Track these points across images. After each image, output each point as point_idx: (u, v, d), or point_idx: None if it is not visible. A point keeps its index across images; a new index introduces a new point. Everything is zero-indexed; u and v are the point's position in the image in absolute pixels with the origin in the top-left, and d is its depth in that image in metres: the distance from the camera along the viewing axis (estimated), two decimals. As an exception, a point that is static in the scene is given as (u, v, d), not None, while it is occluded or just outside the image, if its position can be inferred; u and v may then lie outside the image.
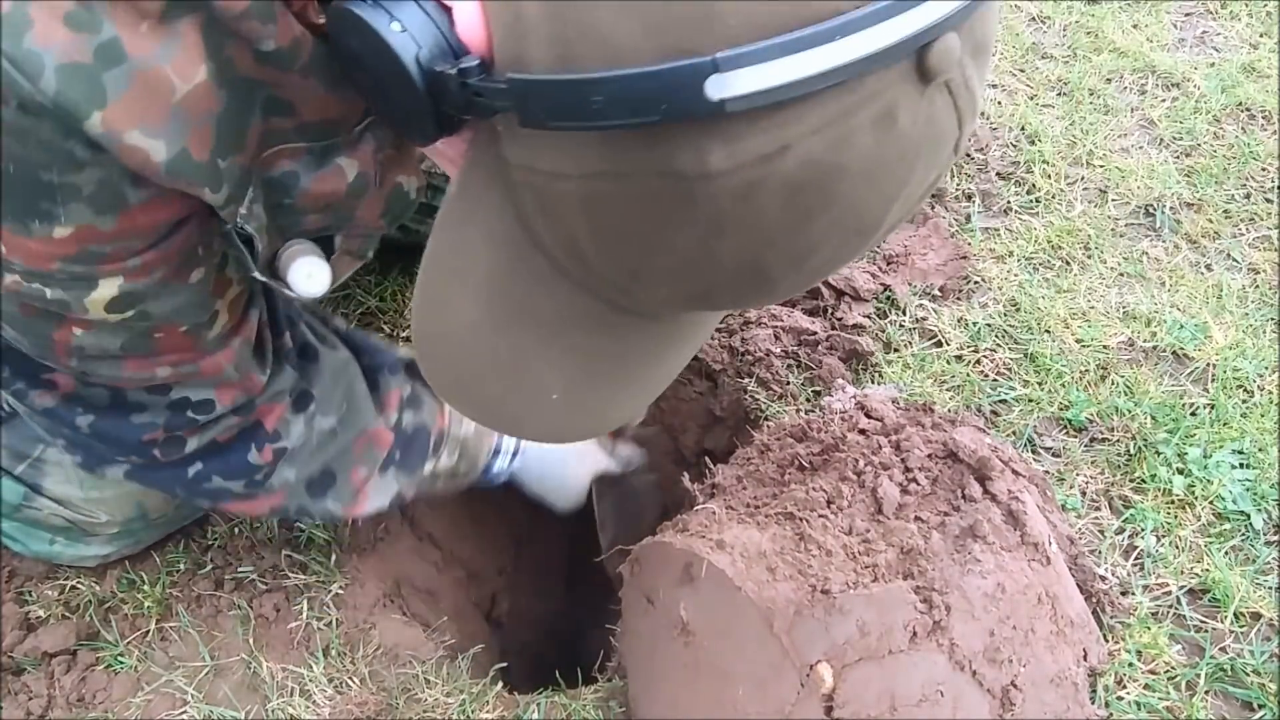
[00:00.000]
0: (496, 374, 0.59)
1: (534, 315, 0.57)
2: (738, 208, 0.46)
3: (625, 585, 1.00)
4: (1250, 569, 1.06)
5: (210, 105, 0.60)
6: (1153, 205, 1.53)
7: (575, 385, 0.60)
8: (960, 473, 0.93)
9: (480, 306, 0.57)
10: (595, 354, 0.60)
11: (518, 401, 0.61)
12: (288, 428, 0.89)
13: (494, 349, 0.58)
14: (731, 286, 0.52)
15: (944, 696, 0.81)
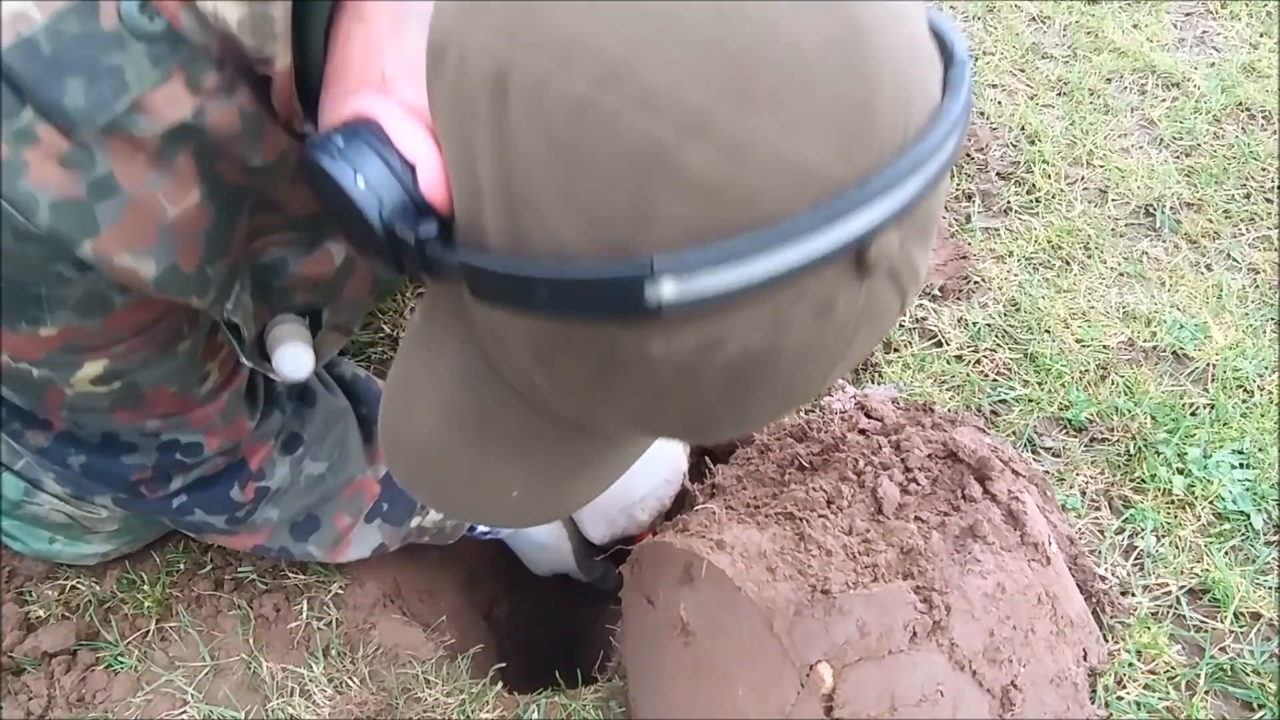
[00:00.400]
0: (458, 476, 0.61)
1: (496, 430, 0.59)
2: (679, 383, 0.48)
3: (625, 585, 1.00)
4: (1250, 569, 1.06)
5: (200, 222, 0.62)
6: (1153, 205, 1.53)
7: (534, 484, 0.62)
8: (960, 473, 0.93)
9: (444, 420, 0.59)
10: (555, 460, 0.61)
11: (478, 499, 0.63)
12: (273, 468, 0.91)
13: (456, 456, 0.60)
14: (677, 434, 0.55)
15: (944, 696, 0.81)
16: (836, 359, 0.50)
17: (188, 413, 0.80)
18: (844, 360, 0.51)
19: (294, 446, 0.92)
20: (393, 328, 1.33)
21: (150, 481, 0.85)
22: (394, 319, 1.34)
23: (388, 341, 1.32)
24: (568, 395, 0.52)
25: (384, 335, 1.32)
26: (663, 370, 0.47)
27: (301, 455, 0.92)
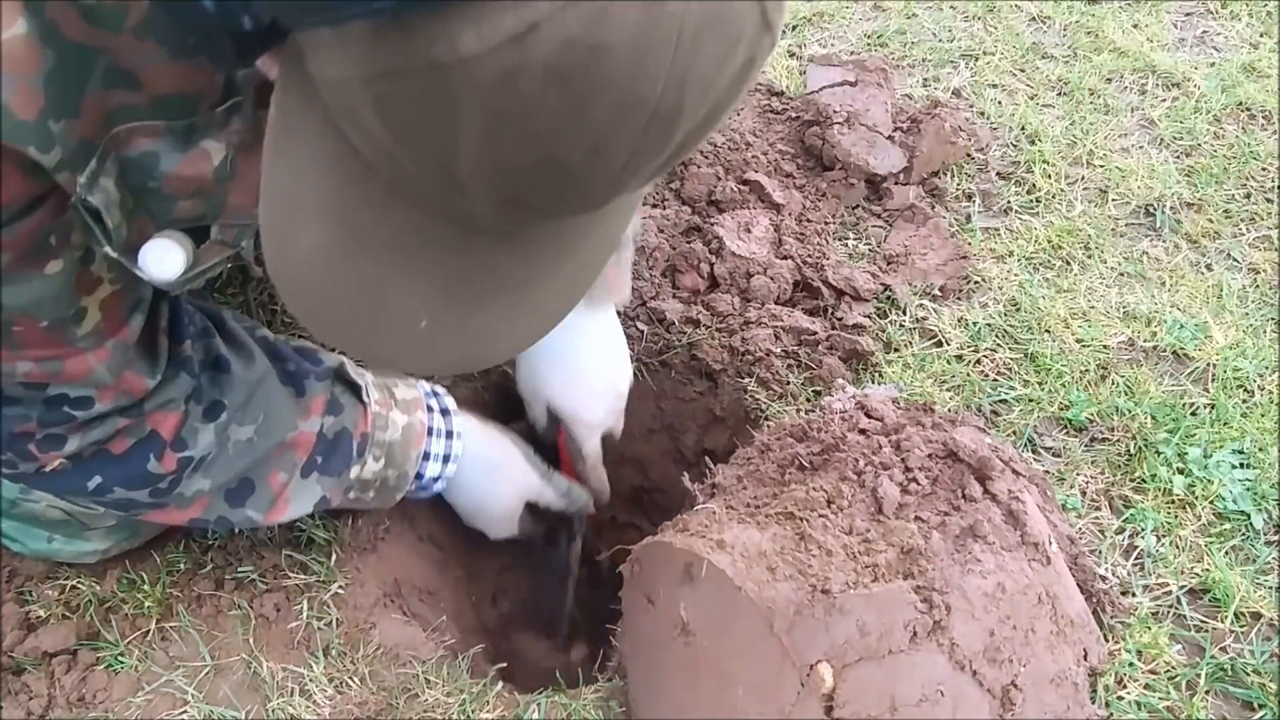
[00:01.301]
0: (357, 304, 0.59)
1: (378, 238, 0.56)
2: (505, 97, 0.45)
3: (625, 585, 0.99)
4: (1250, 569, 1.06)
5: (34, 64, 0.59)
6: (1153, 205, 1.53)
7: (441, 309, 0.59)
8: (960, 473, 0.93)
9: (324, 233, 0.57)
10: (453, 275, 0.58)
11: (386, 331, 0.60)
12: (195, 437, 0.89)
13: (347, 277, 0.57)
14: (537, 185, 0.50)
15: (944, 696, 0.81)
16: (684, 64, 0.46)
17: (64, 358, 0.76)
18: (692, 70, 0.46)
19: (216, 413, 0.90)
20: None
21: (41, 441, 0.81)
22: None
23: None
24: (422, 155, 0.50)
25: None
26: (483, 77, 0.44)
27: (226, 421, 0.91)
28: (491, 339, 0.63)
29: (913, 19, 1.93)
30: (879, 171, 1.53)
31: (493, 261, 0.59)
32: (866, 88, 1.66)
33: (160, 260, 0.73)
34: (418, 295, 0.58)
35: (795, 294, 1.40)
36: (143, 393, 0.84)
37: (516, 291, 0.61)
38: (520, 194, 0.51)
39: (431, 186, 0.52)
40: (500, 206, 0.52)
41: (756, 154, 1.56)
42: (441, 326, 0.60)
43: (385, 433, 1.02)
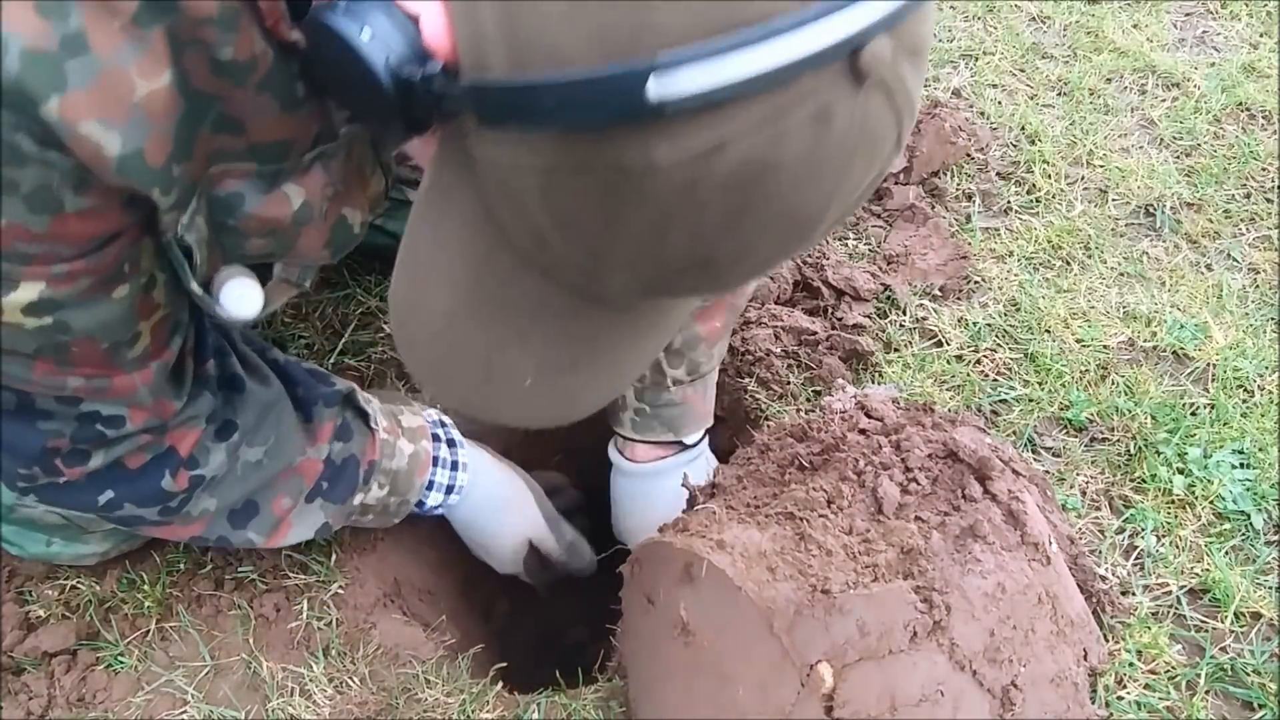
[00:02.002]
0: (472, 362, 0.62)
1: (506, 305, 0.60)
2: (682, 201, 0.49)
3: (625, 585, 0.99)
4: (1250, 569, 1.06)
5: (170, 111, 0.61)
6: (1153, 205, 1.53)
7: (547, 370, 0.63)
8: (960, 473, 0.93)
9: (455, 297, 0.60)
10: (566, 341, 0.62)
11: (493, 388, 0.64)
12: (206, 455, 0.88)
13: (469, 338, 0.61)
14: (682, 275, 0.55)
15: (944, 696, 0.81)
16: (836, 185, 0.52)
17: (112, 376, 0.77)
18: (842, 186, 0.52)
19: (229, 433, 0.90)
20: (393, 328, 1.33)
21: (67, 456, 0.81)
22: (394, 319, 1.34)
23: (388, 341, 1.32)
24: (576, 238, 0.53)
25: (384, 335, 1.32)
26: (666, 185, 0.48)
27: (237, 441, 0.90)
28: (583, 398, 0.68)
29: (913, 19, 1.92)
30: (879, 171, 1.53)
31: (601, 331, 0.63)
32: (866, 88, 1.66)
33: (240, 299, 0.76)
34: (528, 359, 0.62)
35: (795, 294, 1.40)
36: (172, 414, 0.85)
37: (614, 357, 0.66)
38: (661, 280, 0.56)
39: (574, 264, 0.55)
40: (638, 289, 0.57)
41: (756, 154, 1.56)
42: (542, 386, 0.64)
43: (392, 460, 1.02)
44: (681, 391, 1.16)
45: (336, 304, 1.35)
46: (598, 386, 0.68)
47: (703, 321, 1.11)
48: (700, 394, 1.18)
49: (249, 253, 0.75)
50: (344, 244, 0.80)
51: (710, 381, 1.20)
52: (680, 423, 1.18)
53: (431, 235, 0.60)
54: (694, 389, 1.17)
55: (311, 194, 0.73)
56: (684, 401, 1.16)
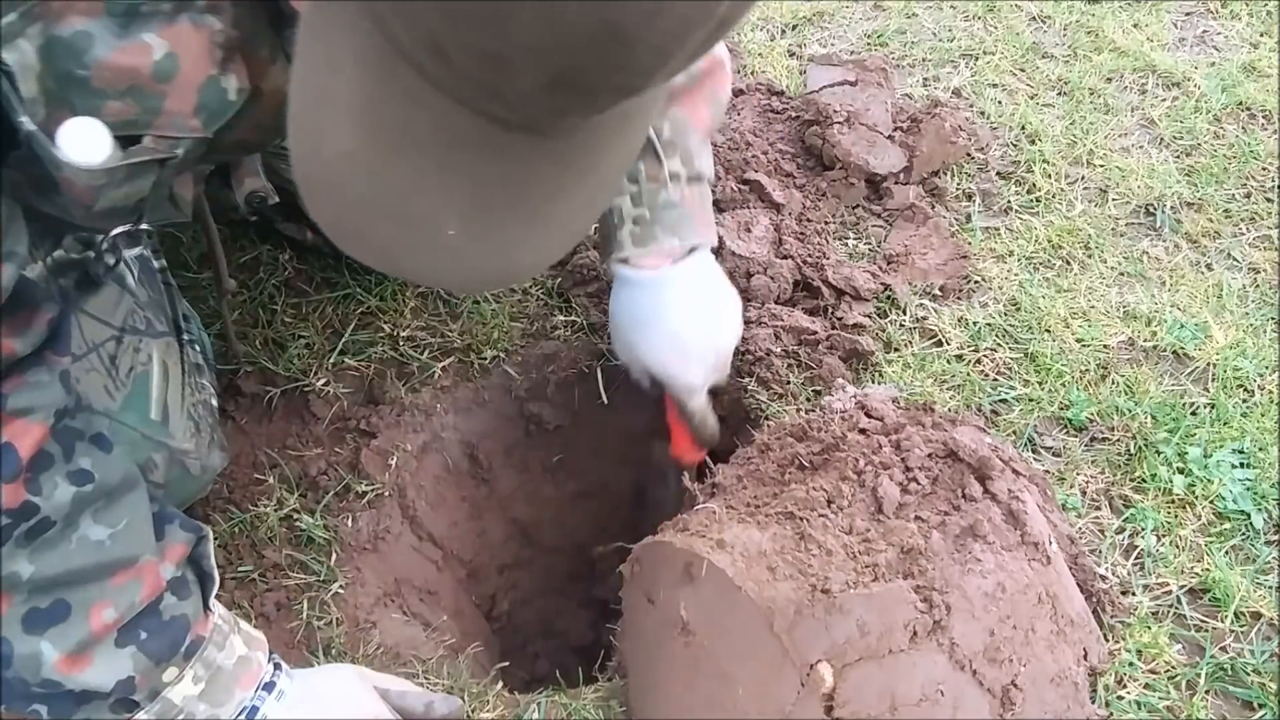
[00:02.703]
0: (383, 209, 0.56)
1: (411, 138, 0.54)
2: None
3: (625, 585, 1.00)
4: (1250, 568, 1.06)
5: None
6: (1153, 205, 1.53)
7: (470, 216, 0.57)
8: (960, 472, 0.93)
9: (355, 134, 0.55)
10: (485, 178, 0.56)
11: (412, 240, 0.58)
12: (52, 488, 0.75)
13: (376, 179, 0.55)
14: (590, 56, 0.49)
15: (944, 696, 0.81)
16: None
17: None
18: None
19: (82, 481, 0.77)
20: (393, 327, 1.33)
21: None
22: (394, 318, 1.34)
23: (388, 341, 1.32)
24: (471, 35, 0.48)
25: (384, 334, 1.32)
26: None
27: (89, 497, 0.77)
28: (517, 252, 0.61)
29: (913, 19, 1.93)
30: (879, 171, 1.53)
31: (523, 164, 0.57)
32: (866, 87, 1.66)
33: (82, 141, 0.66)
34: (447, 200, 0.56)
35: (795, 294, 1.40)
36: (10, 354, 0.74)
37: (543, 199, 0.59)
38: (571, 70, 0.49)
39: (476, 72, 0.50)
40: (546, 88, 0.51)
41: (756, 153, 1.56)
42: (469, 235, 0.57)
43: (220, 653, 0.84)
44: (679, 190, 1.06)
45: (336, 304, 1.35)
46: (535, 239, 0.60)
47: (687, 107, 1.05)
48: (699, 199, 1.09)
49: (108, 116, 0.67)
50: (217, 111, 0.70)
51: (707, 191, 1.11)
52: (683, 226, 1.07)
53: (321, 62, 0.54)
54: (691, 190, 1.08)
55: (179, 47, 0.66)
56: (683, 202, 1.07)
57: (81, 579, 0.77)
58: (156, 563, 0.81)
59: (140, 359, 0.96)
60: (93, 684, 0.77)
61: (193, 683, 0.83)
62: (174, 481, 0.96)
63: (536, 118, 0.54)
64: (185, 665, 0.82)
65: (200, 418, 1.01)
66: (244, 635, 0.87)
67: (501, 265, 0.61)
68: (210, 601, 0.85)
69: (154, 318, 1.00)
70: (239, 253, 1.37)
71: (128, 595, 0.79)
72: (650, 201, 1.06)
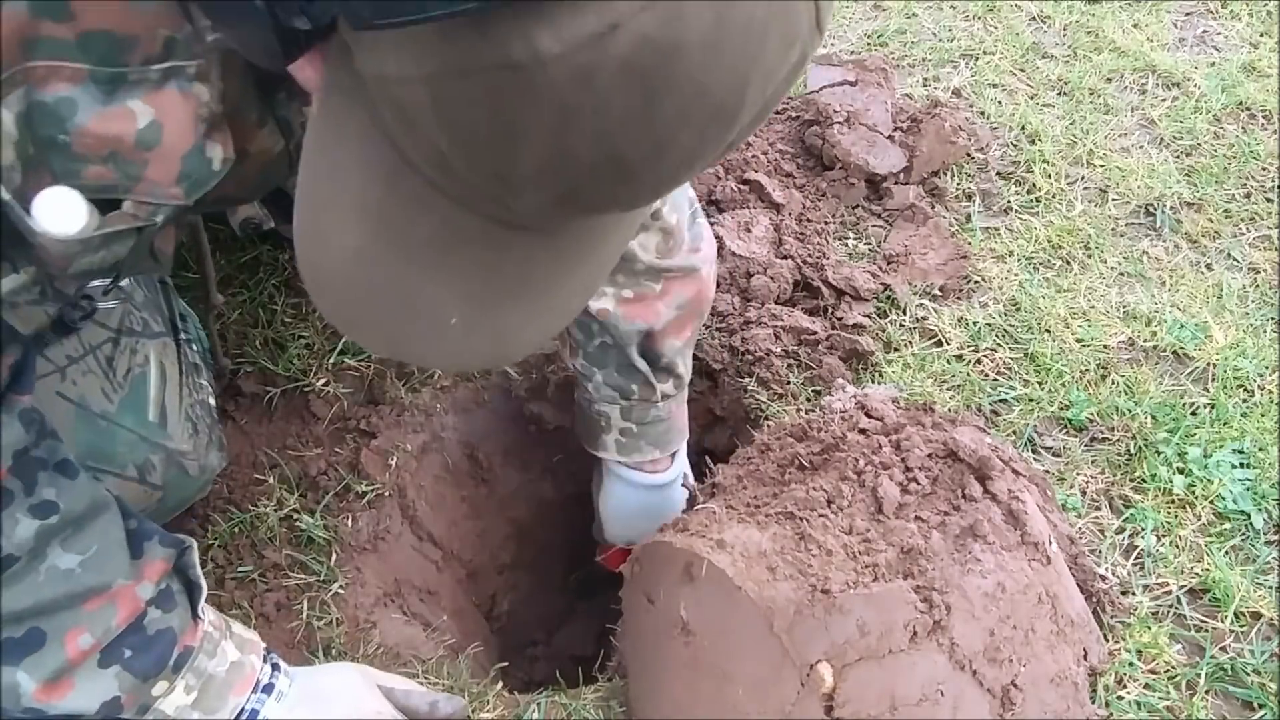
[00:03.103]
0: (389, 302, 0.58)
1: (417, 237, 0.56)
2: (579, 95, 0.45)
3: (625, 585, 0.99)
4: (1250, 569, 1.06)
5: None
6: (1153, 205, 1.53)
7: (472, 306, 0.58)
8: (960, 472, 0.93)
9: (361, 233, 0.56)
10: (487, 272, 0.58)
11: (417, 329, 0.59)
12: (13, 525, 0.73)
13: (383, 276, 0.57)
14: (595, 181, 0.50)
15: (944, 696, 0.81)
16: (749, 66, 0.48)
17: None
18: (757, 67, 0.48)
19: (46, 513, 0.74)
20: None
21: None
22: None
23: (388, 341, 1.32)
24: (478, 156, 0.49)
25: (384, 335, 1.32)
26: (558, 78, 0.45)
27: (55, 528, 0.75)
28: (518, 335, 0.62)
29: (913, 19, 1.93)
30: (879, 171, 1.53)
31: (525, 259, 0.58)
32: (866, 87, 1.66)
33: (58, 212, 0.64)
34: (450, 294, 0.58)
35: (795, 294, 1.40)
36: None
37: (543, 289, 0.61)
38: (575, 191, 0.51)
39: (481, 186, 0.52)
40: (552, 204, 0.52)
41: (756, 154, 1.56)
42: (471, 324, 0.59)
43: (211, 661, 0.83)
44: (667, 407, 1.15)
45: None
46: (531, 322, 0.62)
47: (679, 334, 1.12)
48: (680, 408, 1.18)
49: (87, 181, 0.65)
50: (200, 181, 0.69)
51: (685, 395, 1.20)
52: (667, 439, 1.18)
53: (329, 166, 0.55)
54: (675, 403, 1.17)
55: (164, 115, 0.65)
56: (669, 417, 1.16)
57: (53, 608, 0.75)
58: (132, 585, 0.79)
59: (137, 360, 0.96)
60: (76, 708, 0.76)
61: (185, 693, 0.82)
62: (172, 482, 0.96)
63: (541, 224, 0.56)
64: (175, 677, 0.81)
65: (198, 418, 1.01)
66: (236, 640, 0.86)
67: (499, 348, 0.63)
68: (199, 609, 0.84)
69: (150, 318, 1.00)
70: (239, 253, 1.37)
71: (103, 620, 0.77)
72: (639, 418, 1.15)
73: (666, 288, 1.08)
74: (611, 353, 1.12)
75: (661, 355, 1.12)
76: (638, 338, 1.10)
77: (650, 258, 1.06)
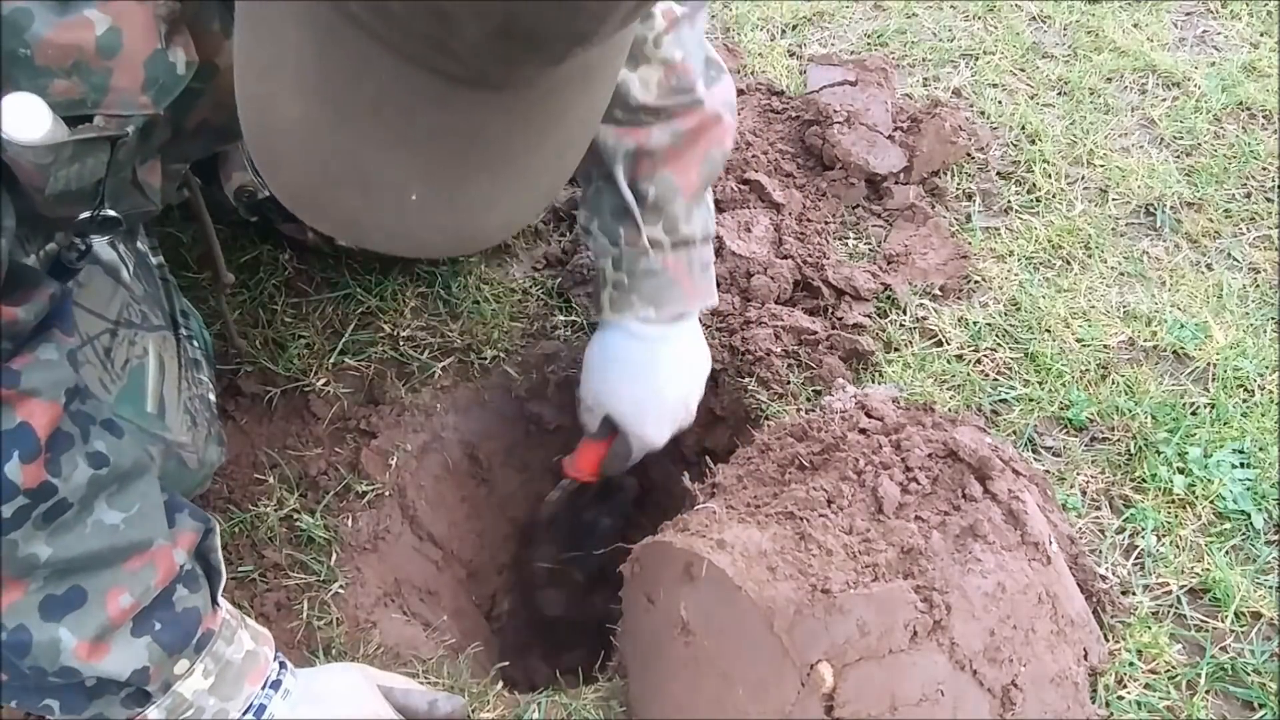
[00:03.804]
0: (344, 176, 0.54)
1: (363, 100, 0.52)
2: None
3: (625, 585, 1.00)
4: (1250, 568, 1.06)
5: None
6: (1153, 205, 1.53)
7: (431, 177, 0.55)
8: (960, 472, 0.93)
9: (305, 99, 0.53)
10: (443, 137, 0.54)
11: (374, 206, 0.56)
12: (71, 468, 0.74)
13: (332, 146, 0.54)
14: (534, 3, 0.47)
15: (944, 696, 0.81)
16: None
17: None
18: None
19: (99, 463, 0.76)
20: (393, 327, 1.33)
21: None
22: (394, 318, 1.34)
23: (388, 341, 1.32)
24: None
25: (384, 334, 1.32)
26: None
27: (105, 480, 0.76)
28: (484, 212, 0.59)
29: (913, 18, 1.93)
30: (879, 171, 1.53)
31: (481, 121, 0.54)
32: (866, 87, 1.66)
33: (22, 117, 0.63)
34: (406, 162, 0.54)
35: (795, 294, 1.40)
36: (11, 321, 0.71)
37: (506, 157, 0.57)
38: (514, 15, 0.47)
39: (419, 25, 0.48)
40: (493, 37, 0.48)
41: (756, 153, 1.56)
42: (432, 199, 0.55)
43: (229, 648, 0.84)
44: (661, 257, 1.05)
45: (336, 304, 1.35)
46: (501, 198, 0.58)
47: (676, 169, 1.03)
48: (685, 265, 1.07)
49: (55, 98, 0.65)
50: (168, 86, 0.68)
51: (698, 256, 1.08)
52: (662, 296, 1.06)
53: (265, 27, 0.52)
54: (676, 256, 1.06)
55: (122, 21, 0.64)
56: (665, 270, 1.06)
57: (97, 563, 0.76)
58: (170, 547, 0.80)
59: (135, 352, 0.96)
60: (110, 672, 0.77)
61: (203, 676, 0.83)
62: (170, 475, 0.96)
63: (489, 71, 0.52)
64: (196, 658, 0.82)
65: (197, 411, 1.01)
66: (251, 630, 0.88)
67: (468, 227, 0.59)
68: (218, 596, 0.85)
69: (150, 311, 1.00)
70: (239, 253, 1.37)
71: (143, 580, 0.78)
72: (630, 267, 1.06)
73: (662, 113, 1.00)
74: (605, 195, 1.04)
75: (649, 188, 1.03)
76: (626, 160, 1.02)
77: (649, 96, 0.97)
